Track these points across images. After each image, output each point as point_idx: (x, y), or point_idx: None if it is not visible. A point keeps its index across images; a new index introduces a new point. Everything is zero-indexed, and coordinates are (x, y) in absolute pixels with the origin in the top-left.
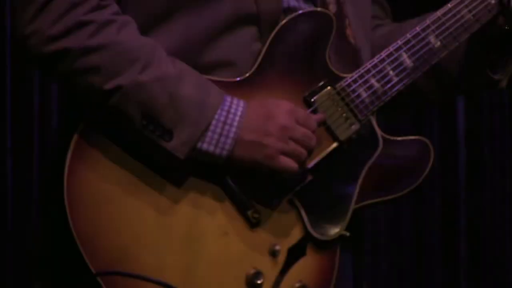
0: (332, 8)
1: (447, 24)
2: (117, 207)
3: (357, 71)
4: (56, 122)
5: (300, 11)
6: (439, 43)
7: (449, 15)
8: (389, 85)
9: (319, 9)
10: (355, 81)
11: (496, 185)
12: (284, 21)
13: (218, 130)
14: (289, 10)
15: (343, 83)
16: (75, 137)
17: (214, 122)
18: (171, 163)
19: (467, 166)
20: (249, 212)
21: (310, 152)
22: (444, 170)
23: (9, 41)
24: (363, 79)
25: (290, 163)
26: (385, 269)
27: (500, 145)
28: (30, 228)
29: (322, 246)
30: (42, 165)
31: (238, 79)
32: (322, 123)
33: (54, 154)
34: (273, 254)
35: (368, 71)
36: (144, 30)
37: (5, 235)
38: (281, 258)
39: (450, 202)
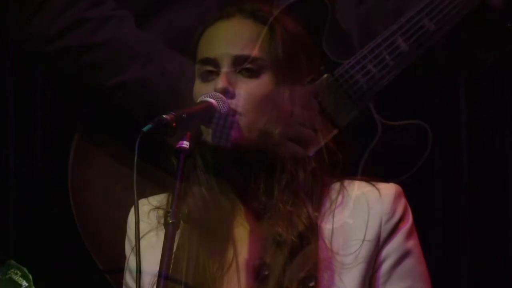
0: None
1: (441, 7)
2: (120, 204)
3: (354, 56)
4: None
5: None
6: (433, 26)
7: None
8: (386, 70)
9: None
10: (352, 67)
11: (498, 176)
12: (279, 10)
13: (222, 122)
14: None
15: (340, 70)
16: (76, 136)
17: (217, 114)
18: (174, 158)
19: (468, 158)
20: (255, 203)
21: (316, 132)
22: (445, 163)
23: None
24: (360, 65)
25: (296, 149)
26: None
27: (501, 137)
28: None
29: None
30: (44, 163)
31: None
32: (322, 110)
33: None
34: (278, 244)
35: (364, 56)
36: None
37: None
38: (286, 248)
39: (451, 195)
